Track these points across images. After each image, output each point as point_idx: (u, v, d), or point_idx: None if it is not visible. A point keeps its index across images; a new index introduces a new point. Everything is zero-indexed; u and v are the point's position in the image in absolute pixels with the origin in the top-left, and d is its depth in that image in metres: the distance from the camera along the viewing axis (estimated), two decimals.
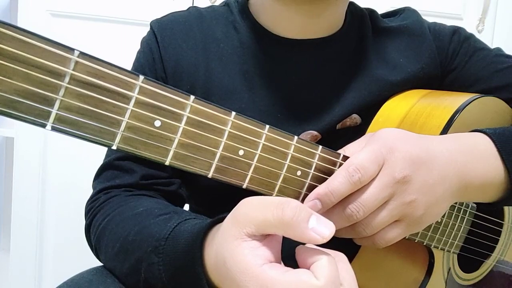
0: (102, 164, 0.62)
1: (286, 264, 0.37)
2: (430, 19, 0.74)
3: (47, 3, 1.33)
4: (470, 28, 1.42)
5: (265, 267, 0.34)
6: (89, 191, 0.62)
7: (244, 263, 0.34)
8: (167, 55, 0.62)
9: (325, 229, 0.34)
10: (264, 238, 0.36)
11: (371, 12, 0.71)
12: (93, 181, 0.62)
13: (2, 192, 1.56)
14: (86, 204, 0.61)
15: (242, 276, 0.34)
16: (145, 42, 0.65)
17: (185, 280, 0.43)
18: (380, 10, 0.75)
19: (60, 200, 1.39)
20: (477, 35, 0.72)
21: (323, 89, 0.64)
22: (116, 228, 0.52)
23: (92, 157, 0.78)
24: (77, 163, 1.36)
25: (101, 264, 0.56)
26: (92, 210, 0.58)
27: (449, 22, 0.73)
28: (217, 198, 0.60)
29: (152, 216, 0.51)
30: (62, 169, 1.38)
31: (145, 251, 0.47)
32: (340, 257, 0.39)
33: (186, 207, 0.69)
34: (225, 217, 0.40)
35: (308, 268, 0.35)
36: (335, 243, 0.57)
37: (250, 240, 0.35)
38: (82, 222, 0.60)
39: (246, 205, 0.37)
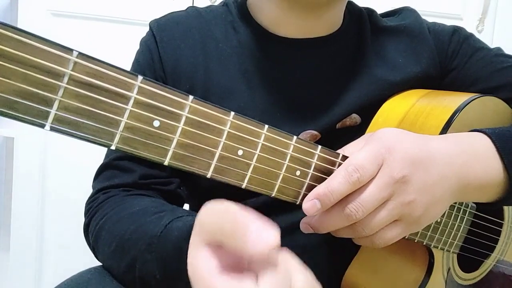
0: (101, 164, 0.62)
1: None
2: (430, 19, 0.74)
3: (47, 3, 1.33)
4: (470, 28, 1.41)
5: (215, 278, 0.32)
6: (89, 191, 0.62)
7: (198, 273, 0.33)
8: (166, 55, 0.62)
9: (267, 240, 0.30)
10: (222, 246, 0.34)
11: (369, 11, 0.71)
12: (93, 181, 0.63)
13: (2, 192, 1.56)
14: (86, 203, 0.61)
15: (196, 283, 0.33)
16: (144, 42, 0.65)
17: (177, 277, 0.43)
18: (380, 10, 0.75)
19: (60, 200, 1.39)
20: (477, 35, 0.71)
21: (322, 88, 0.64)
22: (112, 227, 0.52)
23: (92, 157, 0.78)
24: (77, 163, 1.35)
25: (100, 263, 0.56)
26: (91, 209, 0.59)
27: (449, 22, 0.73)
28: (217, 198, 0.60)
29: (148, 214, 0.51)
30: (62, 169, 1.38)
31: (139, 249, 0.47)
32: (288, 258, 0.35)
33: (186, 207, 0.69)
34: None
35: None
36: (334, 243, 0.57)
37: (206, 249, 0.34)
38: (82, 221, 0.60)
39: (203, 210, 0.35)
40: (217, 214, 0.33)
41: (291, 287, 0.33)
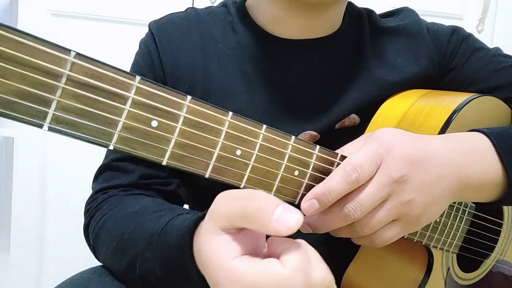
0: (101, 165, 0.62)
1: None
2: (430, 19, 0.74)
3: (47, 3, 1.33)
4: (470, 28, 1.41)
5: (236, 261, 0.33)
6: (88, 191, 0.62)
7: (216, 258, 0.34)
8: (165, 56, 0.62)
9: (291, 218, 0.32)
10: (239, 231, 0.35)
11: (369, 12, 0.71)
12: (92, 182, 0.63)
13: (2, 192, 1.56)
14: (85, 204, 0.61)
15: (215, 271, 0.34)
16: (143, 43, 0.65)
17: (178, 274, 0.43)
18: (380, 10, 0.75)
19: (60, 200, 1.39)
20: (477, 35, 0.72)
21: (321, 89, 0.64)
22: (112, 226, 0.53)
23: (92, 157, 0.79)
24: (77, 163, 1.36)
25: (100, 263, 0.56)
26: (91, 210, 0.59)
27: (449, 22, 0.73)
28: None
29: (148, 213, 0.51)
30: (62, 169, 1.38)
31: (139, 247, 0.47)
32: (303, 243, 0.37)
33: (186, 207, 0.69)
34: None
35: (278, 257, 0.34)
36: (333, 243, 0.57)
37: (223, 234, 0.35)
38: (82, 221, 0.60)
39: (218, 198, 0.36)
40: (238, 198, 0.34)
41: (312, 273, 0.34)
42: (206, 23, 0.65)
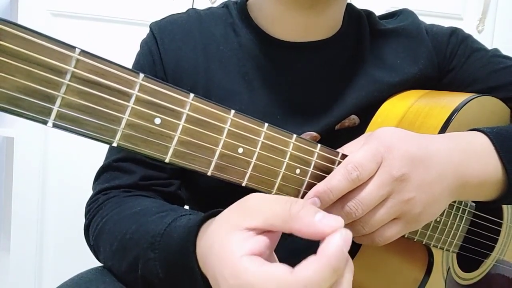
0: (101, 166, 0.62)
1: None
2: (430, 20, 0.74)
3: (48, 3, 1.33)
4: (470, 29, 1.42)
5: (244, 258, 0.33)
6: (89, 191, 0.62)
7: (228, 251, 0.34)
8: (167, 57, 0.62)
9: (333, 221, 0.34)
10: (260, 234, 0.36)
11: (368, 13, 0.71)
12: (93, 183, 0.63)
13: (2, 192, 1.56)
14: (86, 205, 0.61)
15: (221, 263, 0.34)
16: (144, 44, 0.65)
17: (181, 275, 0.43)
18: (380, 11, 0.75)
19: (60, 200, 1.39)
20: (477, 36, 0.72)
21: (322, 90, 0.64)
22: (114, 227, 0.53)
23: (92, 158, 0.79)
24: (77, 163, 1.36)
25: (100, 264, 0.56)
26: (91, 210, 0.59)
27: (449, 22, 0.73)
28: (216, 199, 0.60)
29: (149, 214, 0.51)
30: (62, 169, 1.38)
31: (141, 248, 0.47)
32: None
33: (186, 208, 0.69)
34: (219, 211, 0.40)
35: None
36: None
37: (245, 231, 0.35)
38: (82, 222, 0.60)
39: (257, 198, 0.37)
40: (281, 203, 0.35)
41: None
42: (208, 24, 0.65)
